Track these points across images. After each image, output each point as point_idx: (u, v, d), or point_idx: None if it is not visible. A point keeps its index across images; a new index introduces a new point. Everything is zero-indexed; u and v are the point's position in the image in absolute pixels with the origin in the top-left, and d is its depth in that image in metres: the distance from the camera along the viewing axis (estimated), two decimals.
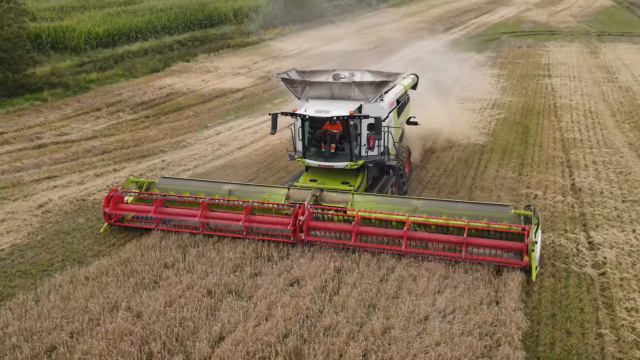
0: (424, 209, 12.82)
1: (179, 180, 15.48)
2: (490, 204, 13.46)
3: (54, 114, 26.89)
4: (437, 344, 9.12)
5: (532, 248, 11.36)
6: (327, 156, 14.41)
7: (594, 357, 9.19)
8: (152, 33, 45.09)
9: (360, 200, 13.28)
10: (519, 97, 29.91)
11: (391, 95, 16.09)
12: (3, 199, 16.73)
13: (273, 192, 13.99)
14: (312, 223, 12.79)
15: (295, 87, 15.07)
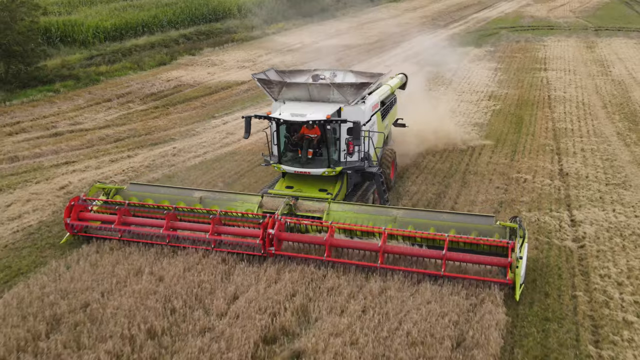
0: (404, 219, 12.05)
1: (148, 186, 14.53)
2: (474, 215, 12.61)
3: (66, 105, 27.99)
4: (428, 302, 10.25)
5: (516, 265, 10.59)
6: (303, 162, 13.70)
7: (567, 314, 10.31)
8: (158, 27, 46.12)
9: (336, 210, 12.47)
10: (514, 89, 30.96)
11: (374, 97, 15.44)
12: (26, 182, 17.85)
13: (245, 200, 13.09)
14: (284, 235, 11.92)
15: (271, 88, 14.24)
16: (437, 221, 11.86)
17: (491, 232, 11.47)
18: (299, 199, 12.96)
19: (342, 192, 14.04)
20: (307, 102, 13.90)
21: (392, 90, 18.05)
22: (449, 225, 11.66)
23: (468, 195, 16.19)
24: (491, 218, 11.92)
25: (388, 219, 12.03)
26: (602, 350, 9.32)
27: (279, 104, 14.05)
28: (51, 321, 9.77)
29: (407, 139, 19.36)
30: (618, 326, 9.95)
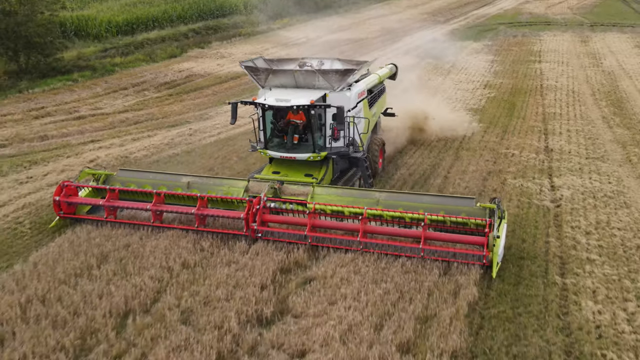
0: (387, 202, 12.33)
1: (138, 172, 14.66)
2: (455, 197, 12.89)
3: (85, 92, 29.71)
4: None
5: (493, 242, 10.85)
6: (289, 147, 13.96)
7: (539, 254, 11.99)
8: (168, 22, 47.84)
9: (321, 193, 12.78)
10: (509, 79, 32.61)
11: (361, 85, 15.64)
12: (58, 156, 19.60)
13: (232, 185, 13.36)
14: (267, 216, 12.26)
15: (258, 75, 14.44)
16: (419, 203, 12.13)
17: (472, 213, 11.69)
18: (284, 183, 13.23)
19: (327, 177, 14.28)
20: (293, 88, 14.13)
21: (381, 79, 18.29)
22: (431, 207, 11.89)
23: (460, 167, 17.87)
24: (472, 200, 12.15)
25: (371, 202, 12.33)
26: (566, 279, 11.02)
27: (265, 90, 14.23)
28: (100, 256, 11.52)
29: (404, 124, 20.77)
30: (582, 263, 11.65)
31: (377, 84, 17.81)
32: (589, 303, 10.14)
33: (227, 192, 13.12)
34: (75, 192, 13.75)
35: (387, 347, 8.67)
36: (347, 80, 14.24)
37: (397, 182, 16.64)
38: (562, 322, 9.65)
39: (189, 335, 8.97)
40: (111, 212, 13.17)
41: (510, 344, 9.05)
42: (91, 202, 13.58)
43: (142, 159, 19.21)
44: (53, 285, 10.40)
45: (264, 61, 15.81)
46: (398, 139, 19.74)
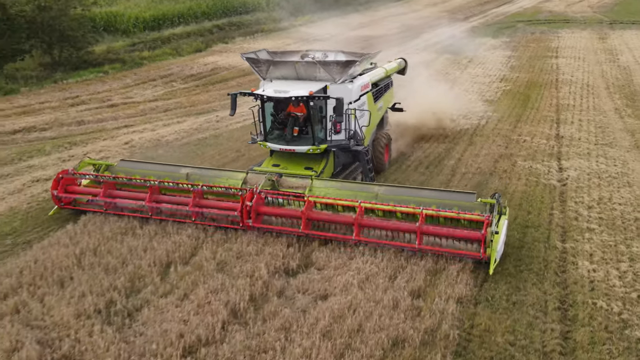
0: (386, 196, 12.10)
1: (138, 163, 14.67)
2: (455, 192, 12.64)
3: (116, 83, 31.16)
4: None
5: (490, 238, 10.56)
6: (288, 140, 13.78)
7: (542, 224, 12.98)
8: (193, 18, 49.37)
9: (319, 186, 12.54)
10: (525, 73, 33.37)
11: (365, 78, 15.40)
12: (95, 139, 20.97)
13: (231, 177, 13.22)
14: (263, 208, 12.15)
15: (259, 66, 14.33)
16: (418, 197, 11.90)
17: (472, 208, 11.43)
18: (283, 175, 13.09)
19: (327, 171, 14.09)
20: (295, 80, 13.95)
21: (388, 73, 17.97)
22: (430, 201, 11.65)
23: (473, 150, 18.83)
24: (472, 195, 11.89)
25: (369, 196, 12.12)
26: (566, 244, 12.00)
27: (266, 82, 14.13)
28: (141, 219, 12.79)
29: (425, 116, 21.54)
30: (582, 231, 12.61)
31: (384, 78, 17.52)
32: (585, 263, 11.13)
33: (225, 184, 12.83)
34: (73, 183, 13.74)
35: (400, 292, 9.78)
36: (349, 72, 14.00)
37: (412, 162, 17.68)
38: (559, 278, 10.65)
39: (224, 281, 10.18)
40: (109, 205, 13.08)
41: (511, 293, 10.09)
42: (87, 194, 13.51)
43: (173, 142, 20.49)
44: (102, 241, 11.69)
45: (267, 53, 15.62)
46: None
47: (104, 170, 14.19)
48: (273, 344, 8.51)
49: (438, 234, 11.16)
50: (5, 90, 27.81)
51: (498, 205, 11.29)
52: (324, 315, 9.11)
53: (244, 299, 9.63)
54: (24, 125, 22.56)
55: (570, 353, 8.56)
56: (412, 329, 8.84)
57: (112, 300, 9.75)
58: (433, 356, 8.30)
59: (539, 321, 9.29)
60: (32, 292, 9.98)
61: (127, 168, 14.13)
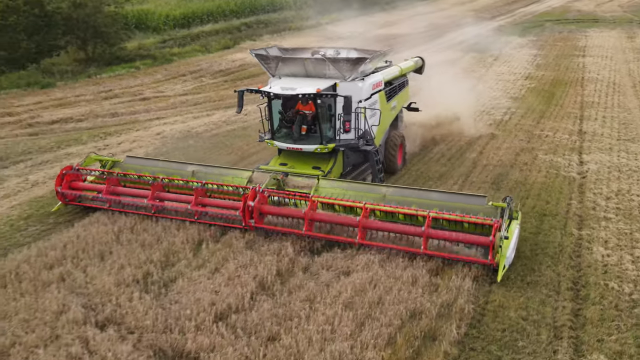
0: (393, 197, 11.70)
1: (144, 160, 14.60)
2: (466, 195, 12.19)
3: (147, 78, 32.15)
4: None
5: (499, 244, 10.10)
6: (296, 138, 13.56)
7: (560, 212, 13.34)
8: (222, 16, 50.39)
9: (325, 186, 12.24)
10: (551, 72, 33.44)
11: (378, 76, 15.04)
12: (129, 130, 21.87)
13: (236, 175, 13.02)
14: (265, 208, 11.87)
15: (268, 63, 14.04)
16: (426, 200, 11.51)
17: (482, 212, 10.95)
18: (289, 174, 12.82)
19: (336, 170, 13.83)
20: (304, 77, 13.66)
21: (403, 72, 17.59)
22: (438, 204, 11.27)
23: (495, 144, 19.19)
24: (483, 198, 11.40)
25: (376, 197, 11.79)
26: (582, 231, 12.36)
27: (275, 79, 13.94)
28: None
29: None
30: (599, 220, 12.96)
31: (398, 77, 17.10)
32: (599, 248, 11.50)
33: (231, 182, 12.66)
34: (78, 179, 13.63)
35: (418, 270, 10.31)
36: (359, 70, 13.59)
37: (435, 155, 18.12)
38: (574, 262, 11.04)
39: (253, 257, 10.85)
40: (112, 202, 13.02)
41: (526, 274, 10.52)
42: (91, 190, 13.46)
43: (203, 133, 21.26)
44: (138, 221, 12.45)
45: (278, 50, 15.38)
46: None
47: (111, 166, 14.06)
48: (298, 312, 9.13)
49: (445, 238, 10.75)
50: (42, 84, 28.98)
51: (509, 209, 10.85)
52: (346, 289, 9.68)
53: (271, 273, 10.27)
54: (61, 116, 23.60)
55: (580, 328, 8.98)
56: (429, 302, 9.37)
57: (148, 272, 10.49)
58: (448, 326, 8.82)
59: (552, 299, 9.73)
60: (76, 264, 10.77)
61: (133, 164, 14.02)
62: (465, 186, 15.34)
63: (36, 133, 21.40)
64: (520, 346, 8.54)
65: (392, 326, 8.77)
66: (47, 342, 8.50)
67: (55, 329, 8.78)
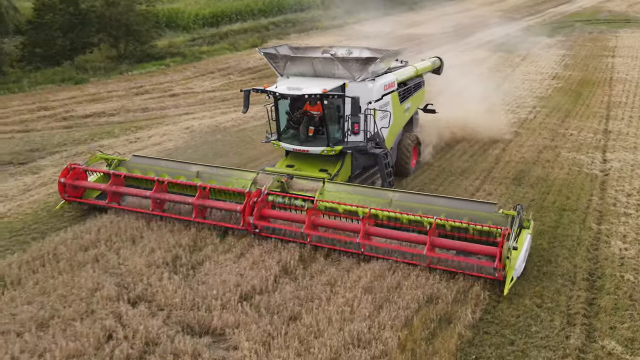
0: (399, 202, 11.34)
1: (150, 159, 14.45)
2: (475, 201, 11.69)
3: (177, 75, 32.90)
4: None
5: (507, 254, 9.56)
6: (302, 140, 13.22)
7: (580, 207, 13.49)
8: (250, 15, 51.14)
9: (331, 190, 11.92)
10: (579, 72, 33.23)
11: (390, 77, 14.55)
12: (159, 124, 22.54)
13: (241, 177, 12.77)
14: (266, 211, 11.61)
15: (277, 62, 13.69)
16: (434, 206, 11.10)
17: (491, 220, 10.52)
18: (294, 177, 12.56)
19: (343, 173, 13.48)
20: (312, 77, 13.27)
21: (418, 72, 17.04)
22: (446, 210, 10.89)
23: (518, 142, 19.30)
24: (493, 205, 10.99)
25: (383, 202, 11.45)
26: (601, 226, 12.52)
27: (283, 79, 13.60)
28: None
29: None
30: (619, 215, 13.08)
31: (413, 77, 16.59)
32: (617, 242, 11.66)
33: (235, 183, 12.53)
34: (83, 176, 13.48)
35: None
36: (369, 70, 13.12)
37: (457, 151, 18.33)
38: (591, 255, 11.23)
39: (276, 244, 11.31)
40: (114, 197, 12.94)
41: (542, 265, 10.75)
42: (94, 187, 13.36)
43: (230, 128, 21.82)
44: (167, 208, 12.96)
45: (289, 49, 15.01)
46: None
47: (117, 165, 13.93)
48: (319, 295, 9.54)
49: (450, 247, 10.31)
50: (76, 80, 29.94)
51: (519, 217, 10.39)
52: (366, 274, 10.07)
53: (294, 258, 10.71)
54: (94, 110, 24.40)
55: (594, 316, 9.20)
56: (445, 288, 9.69)
57: (177, 256, 11.01)
58: (463, 311, 9.13)
59: (567, 288, 9.94)
60: (109, 246, 11.35)
61: (139, 164, 13.91)
62: (487, 181, 15.57)
63: (70, 126, 22.20)
64: (534, 331, 8.81)
65: (409, 309, 9.12)
66: (83, 316, 9.06)
67: (91, 304, 9.35)
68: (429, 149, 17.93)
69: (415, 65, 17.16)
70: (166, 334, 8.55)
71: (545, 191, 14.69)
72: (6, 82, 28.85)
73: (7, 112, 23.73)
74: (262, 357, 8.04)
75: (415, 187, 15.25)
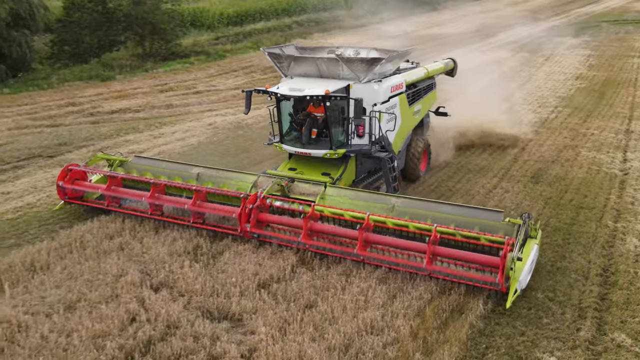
0: (402, 209, 10.99)
1: (151, 160, 14.21)
2: (480, 209, 11.09)
3: (201, 73, 33.46)
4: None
5: (511, 266, 9.19)
6: (305, 142, 12.82)
7: (597, 206, 13.54)
8: (274, 14, 51.63)
9: (332, 194, 11.57)
10: (603, 72, 32.96)
11: (398, 78, 14.02)
12: (182, 120, 23.02)
13: (241, 179, 12.49)
14: (262, 215, 11.29)
15: (281, 63, 13.29)
16: (437, 213, 10.76)
17: (497, 229, 10.12)
18: (295, 180, 12.30)
19: (347, 177, 13.11)
20: (316, 78, 12.90)
21: (429, 74, 16.40)
22: (450, 218, 10.53)
23: (538, 141, 19.32)
24: (499, 214, 10.55)
25: (385, 208, 11.08)
26: (617, 223, 12.56)
27: (287, 79, 13.23)
28: None
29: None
30: (636, 214, 13.10)
31: (423, 79, 16.02)
32: (633, 240, 11.71)
33: (235, 186, 12.28)
34: (82, 177, 13.27)
35: None
36: (375, 71, 12.65)
37: (476, 150, 18.41)
38: (606, 251, 11.31)
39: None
40: (111, 200, 12.75)
41: (556, 260, 10.88)
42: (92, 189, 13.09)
43: (252, 125, 22.18)
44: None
45: (296, 49, 14.59)
46: None
47: (118, 166, 13.72)
48: (335, 284, 9.82)
49: (451, 256, 9.84)
50: (102, 77, 30.65)
51: (525, 226, 9.97)
52: (381, 267, 10.27)
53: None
54: (120, 107, 25.00)
55: (605, 310, 9.30)
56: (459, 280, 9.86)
57: (198, 245, 11.39)
58: (475, 302, 9.32)
59: (580, 283, 10.06)
60: (133, 235, 11.78)
61: (139, 165, 13.70)
62: (505, 179, 15.68)
63: (97, 121, 22.80)
64: (545, 323, 8.95)
65: (422, 299, 9.35)
66: (108, 300, 9.47)
67: (115, 289, 9.75)
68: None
69: (426, 66, 16.59)
70: (186, 318, 8.90)
71: (563, 189, 14.75)
72: (36, 78, 29.72)
73: (36, 108, 24.47)
74: (277, 341, 8.33)
75: (433, 184, 15.48)
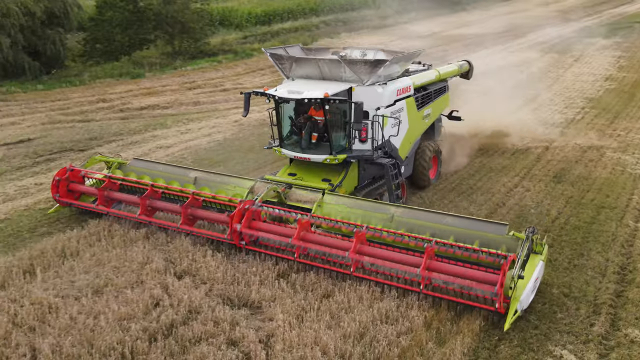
0: (401, 219, 10.49)
1: (150, 163, 13.93)
2: (482, 221, 10.50)
3: (228, 71, 33.98)
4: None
5: (511, 284, 8.62)
6: (304, 147, 12.41)
7: (619, 205, 13.48)
8: (302, 14, 52.03)
9: (330, 202, 11.10)
10: (634, 74, 32.46)
11: (406, 81, 13.44)
12: (209, 117, 23.49)
13: (238, 184, 12.11)
14: (254, 224, 10.86)
15: (283, 64, 12.93)
16: (438, 224, 10.25)
17: (499, 243, 9.58)
18: (293, 187, 11.85)
19: (348, 184, 12.59)
20: (318, 80, 12.46)
21: (441, 77, 15.73)
22: (450, 230, 10.01)
23: (562, 142, 19.19)
24: (503, 227, 9.96)
25: (383, 218, 10.59)
26: (638, 223, 12.52)
27: (288, 81, 12.90)
28: None
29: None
30: None
31: (434, 82, 15.33)
32: None
33: (232, 191, 11.99)
34: (79, 179, 13.12)
35: None
36: (379, 73, 12.13)
37: (499, 149, 18.43)
38: (625, 250, 11.30)
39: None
40: (102, 202, 12.52)
41: (574, 258, 10.93)
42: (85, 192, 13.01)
43: None
44: None
45: (301, 50, 14.20)
46: None
47: (116, 168, 13.56)
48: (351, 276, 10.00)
49: (448, 272, 9.20)
50: (132, 74, 31.39)
51: (529, 241, 9.36)
52: None
53: None
54: (149, 103, 25.62)
55: (620, 306, 9.34)
56: None
57: None
58: None
59: (596, 280, 10.10)
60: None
61: (138, 167, 13.52)
62: (526, 178, 15.70)
63: (127, 117, 23.41)
64: (559, 317, 9.04)
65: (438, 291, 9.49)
66: (134, 285, 9.87)
67: (141, 275, 10.15)
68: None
69: (438, 69, 15.93)
70: (208, 304, 9.24)
71: (585, 189, 14.72)
72: (69, 75, 30.61)
73: (68, 104, 25.24)
74: (294, 327, 8.59)
75: (454, 182, 15.58)
